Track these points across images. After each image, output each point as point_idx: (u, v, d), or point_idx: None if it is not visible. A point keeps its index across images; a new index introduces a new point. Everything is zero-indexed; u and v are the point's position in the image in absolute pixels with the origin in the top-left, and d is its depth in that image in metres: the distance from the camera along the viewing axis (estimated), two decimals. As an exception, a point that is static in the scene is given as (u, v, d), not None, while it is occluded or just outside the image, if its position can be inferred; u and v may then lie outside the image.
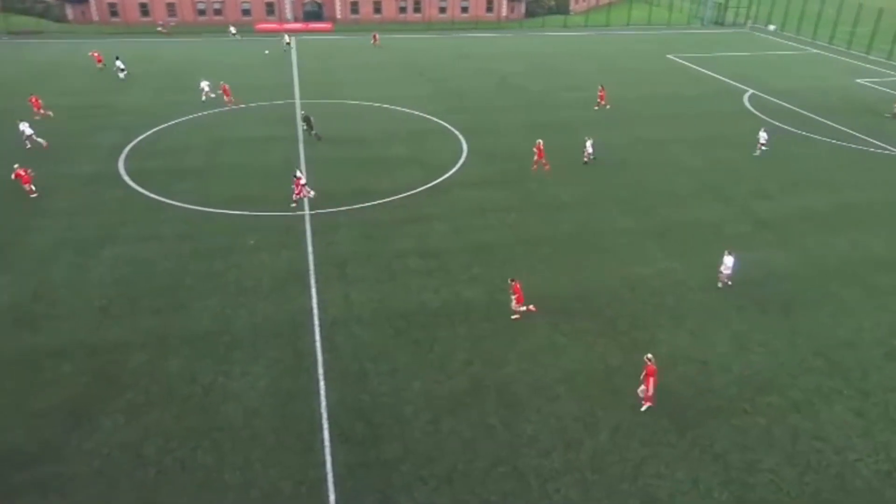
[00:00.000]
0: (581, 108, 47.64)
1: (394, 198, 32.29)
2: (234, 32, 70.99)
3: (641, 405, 18.90)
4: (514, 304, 22.68)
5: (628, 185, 34.59)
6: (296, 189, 30.82)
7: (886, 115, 47.65)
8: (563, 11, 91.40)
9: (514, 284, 22.60)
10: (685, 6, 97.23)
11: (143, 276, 25.12)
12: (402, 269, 26.02)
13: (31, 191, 31.33)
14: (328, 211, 30.71)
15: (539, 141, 35.83)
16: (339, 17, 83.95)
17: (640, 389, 18.91)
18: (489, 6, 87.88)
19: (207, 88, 47.63)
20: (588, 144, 36.81)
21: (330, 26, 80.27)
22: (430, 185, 33.85)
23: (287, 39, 65.44)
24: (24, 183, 31.22)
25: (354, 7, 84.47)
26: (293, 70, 57.96)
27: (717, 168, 37.13)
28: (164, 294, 24.05)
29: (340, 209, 30.90)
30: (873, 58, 69.09)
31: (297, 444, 17.54)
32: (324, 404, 18.95)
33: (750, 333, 22.54)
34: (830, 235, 29.50)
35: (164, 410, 18.55)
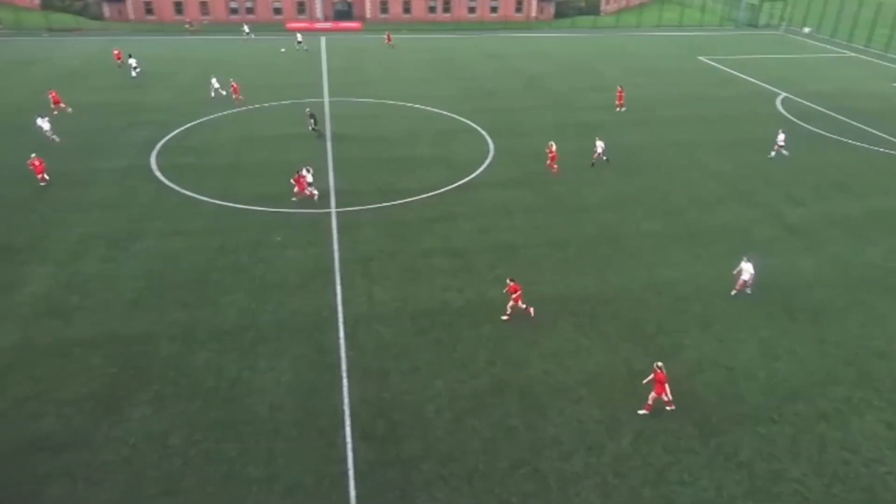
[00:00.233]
0: (608, 109, 47.25)
1: (420, 197, 32.40)
2: (248, 31, 71.63)
3: (642, 409, 18.78)
4: (510, 303, 22.66)
5: (655, 188, 34.25)
6: (297, 186, 31.16)
7: (925, 120, 46.46)
8: (594, 12, 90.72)
9: (511, 285, 22.58)
10: (718, 7, 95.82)
11: (171, 270, 25.57)
12: (427, 268, 26.10)
13: (44, 179, 32.57)
14: (354, 209, 30.93)
15: (551, 143, 35.74)
16: (369, 16, 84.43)
17: (651, 397, 18.78)
18: (518, 6, 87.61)
19: (217, 85, 48.26)
20: (598, 145, 36.58)
21: (359, 25, 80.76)
22: (456, 185, 33.89)
23: (299, 38, 65.75)
24: (38, 172, 32.44)
25: (384, 7, 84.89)
26: (322, 69, 58.45)
27: (747, 172, 36.57)
28: (191, 288, 24.46)
29: (366, 207, 31.09)
30: (912, 61, 67.47)
31: (320, 440, 17.71)
32: (346, 401, 19.10)
33: (778, 340, 22.17)
34: (862, 242, 28.87)
35: (190, 402, 18.87)
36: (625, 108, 46.99)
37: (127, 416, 18.31)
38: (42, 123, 37.76)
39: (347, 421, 18.36)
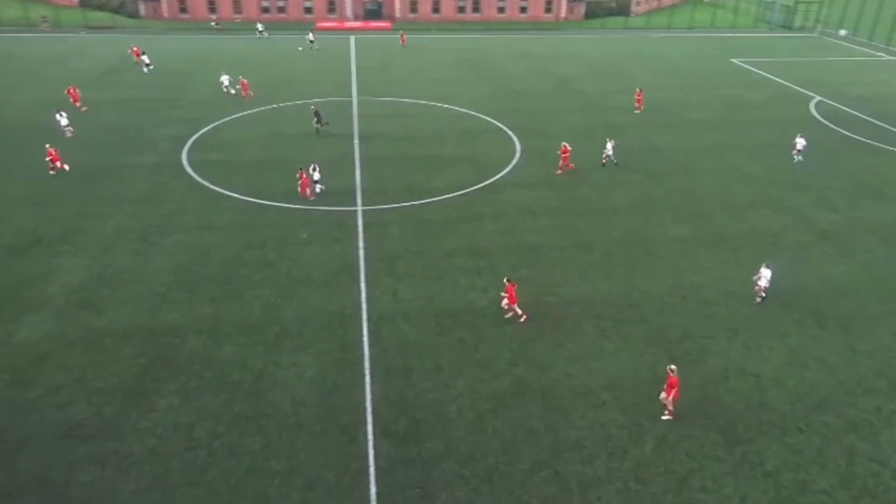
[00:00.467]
0: (635, 110, 46.78)
1: (445, 196, 32.45)
2: (262, 30, 72.23)
3: (664, 414, 18.60)
4: (505, 303, 22.62)
5: (683, 191, 33.85)
6: (301, 182, 31.44)
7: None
8: (624, 13, 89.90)
9: (508, 285, 22.51)
10: (751, 9, 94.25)
11: (200, 264, 25.98)
12: (451, 268, 26.14)
13: (62, 167, 33.85)
14: (380, 207, 31.09)
15: (564, 143, 35.55)
16: (398, 16, 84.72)
17: (661, 396, 18.59)
18: (548, 7, 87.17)
19: (227, 83, 48.85)
20: (608, 146, 36.22)
21: (389, 25, 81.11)
22: (482, 185, 33.87)
23: (311, 37, 66.20)
24: (54, 161, 33.52)
25: (414, 6, 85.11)
26: (351, 68, 58.83)
27: (778, 176, 35.93)
28: (219, 282, 24.82)
29: (392, 206, 31.24)
30: (954, 66, 65.62)
31: (341, 436, 17.85)
32: (368, 398, 19.23)
33: (807, 349, 21.78)
34: (898, 251, 28.22)
35: (215, 395, 19.16)
36: (641, 110, 46.54)
37: (154, 406, 18.67)
38: (60, 119, 38.90)
39: (369, 418, 18.49)
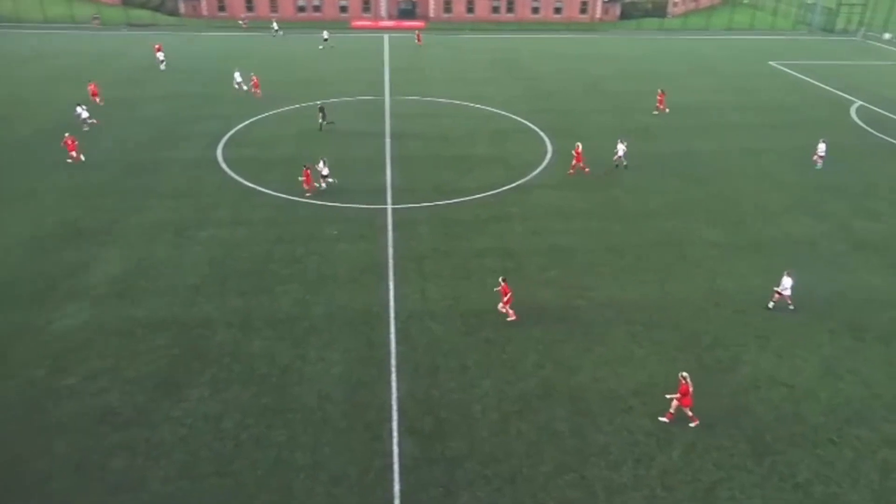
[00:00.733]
0: (670, 114, 46.14)
1: (476, 196, 32.43)
2: (277, 29, 72.90)
3: (690, 421, 18.36)
4: (501, 303, 22.53)
5: (718, 196, 33.29)
6: (306, 178, 31.68)
7: None
8: (660, 14, 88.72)
9: (503, 285, 22.41)
10: (791, 11, 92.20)
11: (232, 259, 26.41)
12: (479, 268, 26.13)
13: (77, 157, 34.90)
14: (410, 206, 31.21)
15: (578, 144, 35.24)
16: (433, 15, 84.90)
17: (672, 400, 18.39)
18: (583, 7, 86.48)
19: (240, 80, 49.47)
20: (619, 148, 35.75)
21: (423, 24, 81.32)
22: (512, 186, 33.77)
23: (325, 36, 66.78)
24: (70, 150, 34.77)
25: (448, 6, 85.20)
26: (384, 67, 59.14)
27: (816, 182, 35.10)
28: (250, 277, 25.20)
29: (422, 205, 31.33)
30: None
31: (366, 433, 17.98)
32: (394, 395, 19.32)
33: (842, 360, 21.25)
34: (942, 262, 27.35)
35: (243, 387, 19.46)
36: (662, 111, 45.95)
37: (185, 396, 19.04)
38: (81, 112, 40.01)
39: (394, 415, 18.58)
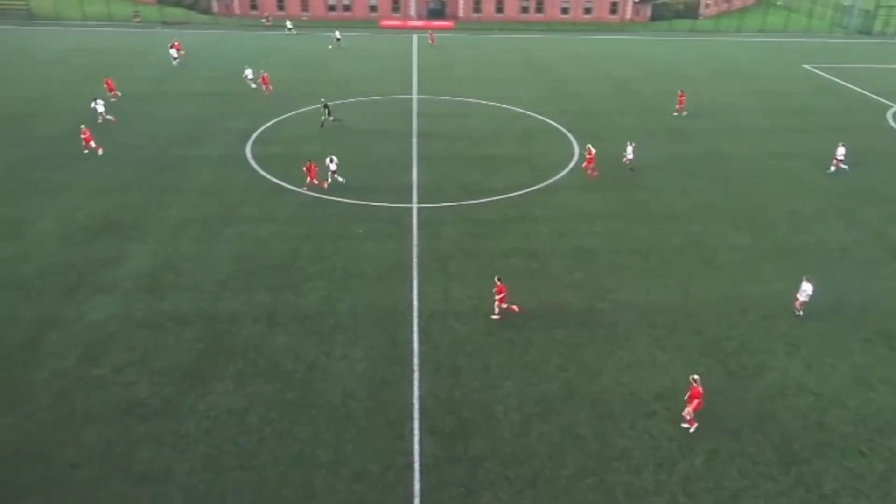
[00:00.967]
0: (698, 115, 45.58)
1: (501, 197, 32.39)
2: (291, 27, 73.38)
3: (689, 427, 18.19)
4: (496, 303, 22.45)
5: (746, 200, 32.80)
6: (308, 174, 31.90)
7: None
8: (692, 15, 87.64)
9: (499, 285, 22.31)
10: (827, 13, 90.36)
11: (259, 255, 26.72)
12: (503, 268, 26.00)
13: (94, 147, 35.82)
14: (435, 206, 31.29)
15: (589, 146, 34.97)
16: (462, 15, 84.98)
17: (685, 411, 18.17)
18: (613, 8, 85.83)
19: (250, 76, 49.91)
20: (629, 150, 35.36)
21: (452, 24, 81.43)
22: (538, 187, 33.66)
23: (337, 36, 67.06)
24: (87, 141, 35.79)
25: (477, 6, 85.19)
26: (412, 67, 59.34)
27: (849, 188, 34.38)
28: (276, 273, 25.49)
29: (448, 204, 31.39)
30: None
31: (388, 431, 18.08)
32: (416, 394, 19.40)
33: (873, 369, 20.80)
34: (980, 271, 26.59)
35: (268, 382, 19.70)
36: (681, 113, 45.46)
37: (211, 389, 19.33)
38: (97, 106, 40.90)
39: (416, 414, 18.66)
